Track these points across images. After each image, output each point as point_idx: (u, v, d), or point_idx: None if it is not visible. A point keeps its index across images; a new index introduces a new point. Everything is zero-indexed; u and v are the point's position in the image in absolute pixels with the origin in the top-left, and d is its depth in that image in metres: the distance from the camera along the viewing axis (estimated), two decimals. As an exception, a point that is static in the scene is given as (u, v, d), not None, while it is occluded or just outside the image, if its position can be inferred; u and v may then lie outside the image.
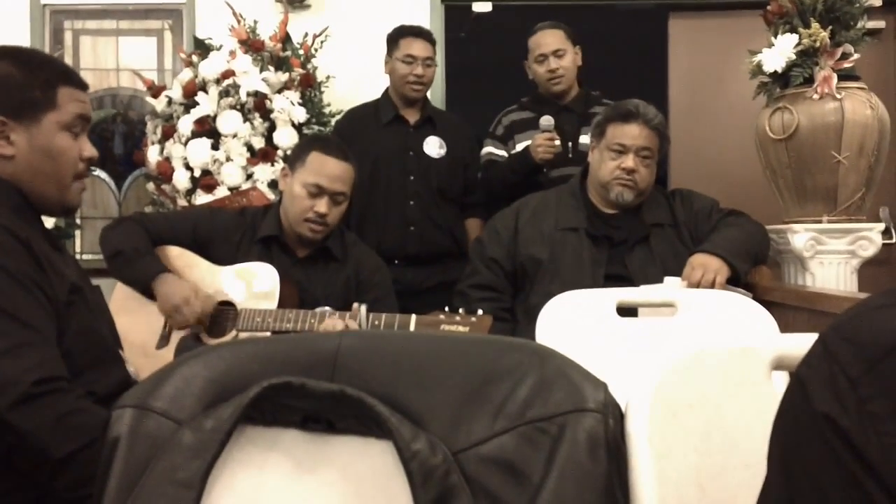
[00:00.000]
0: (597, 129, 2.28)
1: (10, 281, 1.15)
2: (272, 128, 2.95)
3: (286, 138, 2.92)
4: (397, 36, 2.79)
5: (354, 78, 2.94)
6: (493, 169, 2.84)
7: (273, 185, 2.87)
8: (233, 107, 2.93)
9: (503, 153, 2.85)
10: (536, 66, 2.84)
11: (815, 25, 2.22)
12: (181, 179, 2.94)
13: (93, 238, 3.22)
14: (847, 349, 0.50)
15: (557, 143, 2.63)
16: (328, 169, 2.09)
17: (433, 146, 2.79)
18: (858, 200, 2.29)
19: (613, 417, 0.71)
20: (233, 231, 2.15)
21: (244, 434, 0.74)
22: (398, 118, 2.80)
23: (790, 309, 2.00)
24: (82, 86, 1.34)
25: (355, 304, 1.93)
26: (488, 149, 2.89)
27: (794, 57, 2.26)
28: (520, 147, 2.76)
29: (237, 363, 0.77)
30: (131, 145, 3.41)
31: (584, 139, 2.78)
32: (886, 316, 0.51)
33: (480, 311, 1.89)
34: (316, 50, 3.15)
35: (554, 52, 2.80)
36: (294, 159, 2.16)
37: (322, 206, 2.07)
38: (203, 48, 3.12)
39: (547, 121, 2.62)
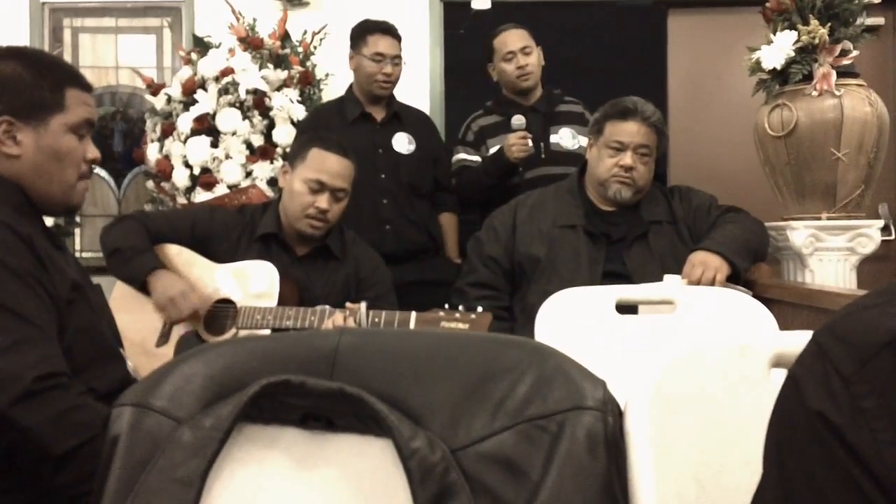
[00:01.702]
0: (595, 126, 2.28)
1: (12, 277, 1.15)
2: (271, 125, 2.96)
3: (285, 136, 2.92)
4: (363, 32, 2.73)
5: (352, 75, 2.93)
6: (466, 174, 2.83)
7: (272, 182, 2.87)
8: (232, 104, 2.93)
9: (476, 158, 2.83)
10: (504, 65, 2.84)
11: (814, 22, 2.21)
12: (180, 177, 2.94)
13: (93, 236, 3.22)
14: (839, 347, 0.51)
15: (530, 141, 2.64)
16: (329, 165, 2.09)
17: (402, 142, 2.75)
18: (857, 197, 2.29)
19: (612, 415, 0.71)
20: (232, 229, 2.15)
21: (243, 432, 0.74)
22: (364, 115, 2.75)
23: (789, 306, 2.00)
24: (89, 88, 1.34)
25: (348, 304, 1.92)
26: (460, 155, 2.88)
27: (793, 54, 2.25)
28: (493, 151, 2.75)
29: (236, 361, 0.77)
30: (131, 143, 3.41)
31: (554, 138, 2.80)
32: (878, 314, 0.51)
33: (480, 308, 1.89)
34: (315, 47, 3.15)
35: (521, 50, 2.81)
36: (294, 156, 2.16)
37: (323, 201, 2.07)
38: (202, 46, 3.13)
39: (518, 120, 2.62)
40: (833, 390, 0.50)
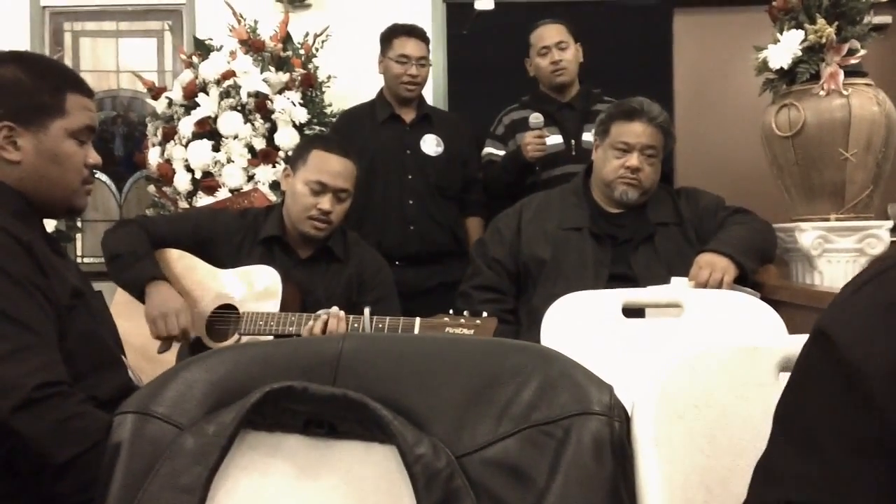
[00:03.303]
0: (600, 127, 2.27)
1: (12, 284, 1.15)
2: (273, 128, 2.95)
3: (287, 139, 2.92)
4: (390, 35, 2.78)
5: (355, 77, 2.94)
6: (490, 169, 2.85)
7: (274, 186, 2.87)
8: (233, 108, 2.93)
9: (503, 153, 2.85)
10: (539, 60, 2.84)
11: (820, 21, 2.20)
12: (182, 181, 2.94)
13: (94, 241, 3.23)
14: (841, 290, 0.63)
15: (550, 140, 2.64)
16: (330, 166, 2.09)
17: (430, 144, 2.78)
18: (866, 198, 2.27)
19: (619, 420, 0.71)
20: (234, 232, 2.15)
21: (246, 439, 0.74)
22: (394, 117, 2.79)
23: (798, 308, 1.99)
24: (90, 93, 1.34)
25: (335, 309, 1.90)
26: (488, 149, 2.90)
27: (800, 53, 2.24)
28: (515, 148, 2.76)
29: (239, 367, 0.77)
30: (132, 147, 3.41)
31: (587, 136, 2.79)
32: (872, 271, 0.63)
33: (485, 314, 1.88)
34: (317, 50, 3.15)
35: (557, 45, 2.81)
36: (296, 158, 2.17)
37: (325, 203, 2.07)
38: (203, 49, 3.12)
39: (536, 118, 2.63)
40: (832, 309, 0.62)
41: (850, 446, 0.57)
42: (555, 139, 2.72)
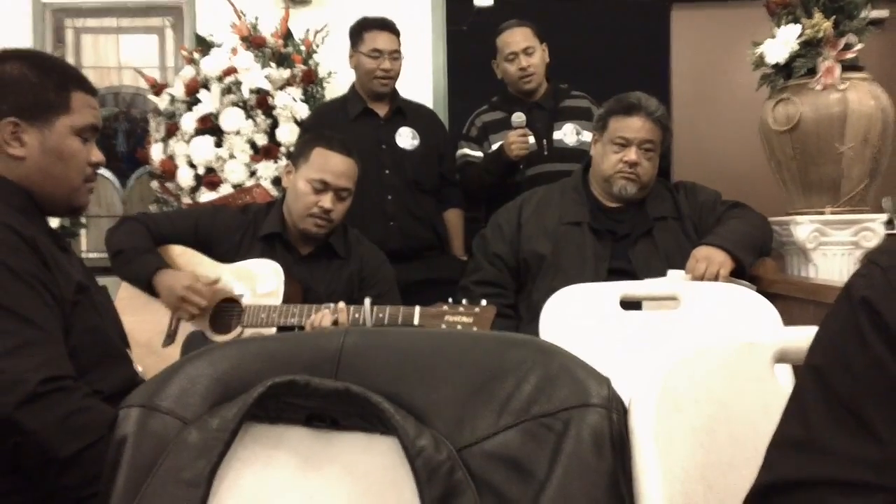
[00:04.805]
0: (599, 122, 2.27)
1: (16, 280, 1.15)
2: (275, 124, 2.95)
3: (289, 135, 2.92)
4: (361, 29, 2.74)
5: (354, 74, 2.92)
6: (469, 170, 2.83)
7: (276, 181, 2.87)
8: (235, 104, 2.93)
9: (479, 154, 2.84)
10: (507, 65, 2.83)
11: (818, 15, 2.20)
12: (185, 177, 2.94)
13: (98, 237, 3.23)
14: (883, 255, 0.62)
15: (531, 139, 2.63)
16: (332, 165, 2.08)
17: (406, 137, 2.75)
18: (862, 191, 2.27)
19: (618, 413, 0.71)
20: (235, 229, 2.15)
21: (249, 432, 0.74)
22: (367, 112, 2.75)
23: (794, 301, 1.99)
24: (94, 92, 1.35)
25: (342, 304, 1.91)
26: (463, 150, 2.88)
27: (797, 47, 2.24)
28: (495, 148, 2.75)
29: (242, 362, 0.77)
30: (134, 143, 3.41)
31: (558, 135, 2.79)
32: None
33: (484, 302, 1.88)
34: (317, 46, 3.15)
35: (524, 50, 2.79)
36: (297, 155, 2.16)
37: (326, 201, 2.06)
38: (205, 45, 3.12)
39: (518, 117, 2.61)
40: (874, 280, 0.60)
41: None
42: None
